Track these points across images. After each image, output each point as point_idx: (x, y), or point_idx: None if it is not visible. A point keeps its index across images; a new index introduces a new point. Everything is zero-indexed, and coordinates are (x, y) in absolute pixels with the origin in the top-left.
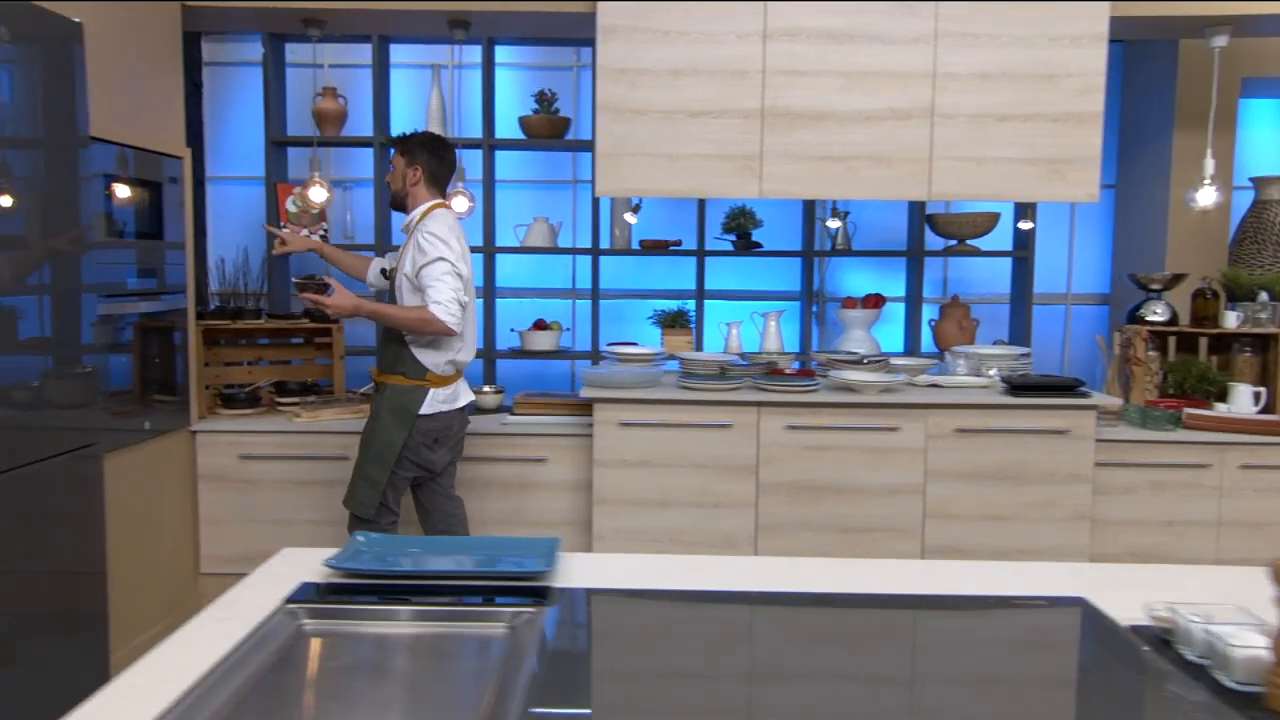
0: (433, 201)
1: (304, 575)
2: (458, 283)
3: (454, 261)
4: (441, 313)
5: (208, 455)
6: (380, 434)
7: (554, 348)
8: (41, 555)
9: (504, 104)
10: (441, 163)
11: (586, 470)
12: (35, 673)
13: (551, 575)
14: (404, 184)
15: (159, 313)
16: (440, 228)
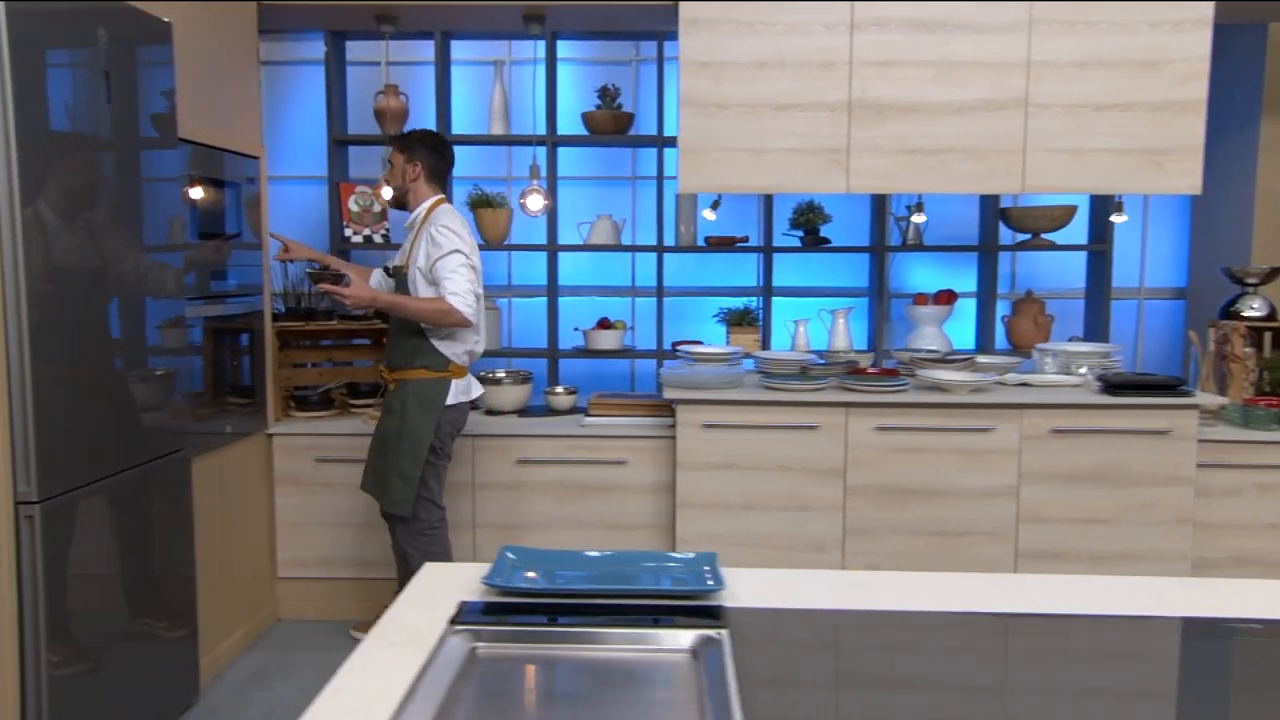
0: (436, 197)
1: (456, 593)
2: (472, 274)
3: (468, 254)
4: (459, 304)
5: (284, 458)
6: (409, 429)
7: (618, 347)
8: (135, 561)
9: (562, 100)
10: (441, 158)
11: (667, 472)
12: (128, 680)
13: (721, 594)
14: (404, 180)
15: (237, 315)
16: (453, 221)
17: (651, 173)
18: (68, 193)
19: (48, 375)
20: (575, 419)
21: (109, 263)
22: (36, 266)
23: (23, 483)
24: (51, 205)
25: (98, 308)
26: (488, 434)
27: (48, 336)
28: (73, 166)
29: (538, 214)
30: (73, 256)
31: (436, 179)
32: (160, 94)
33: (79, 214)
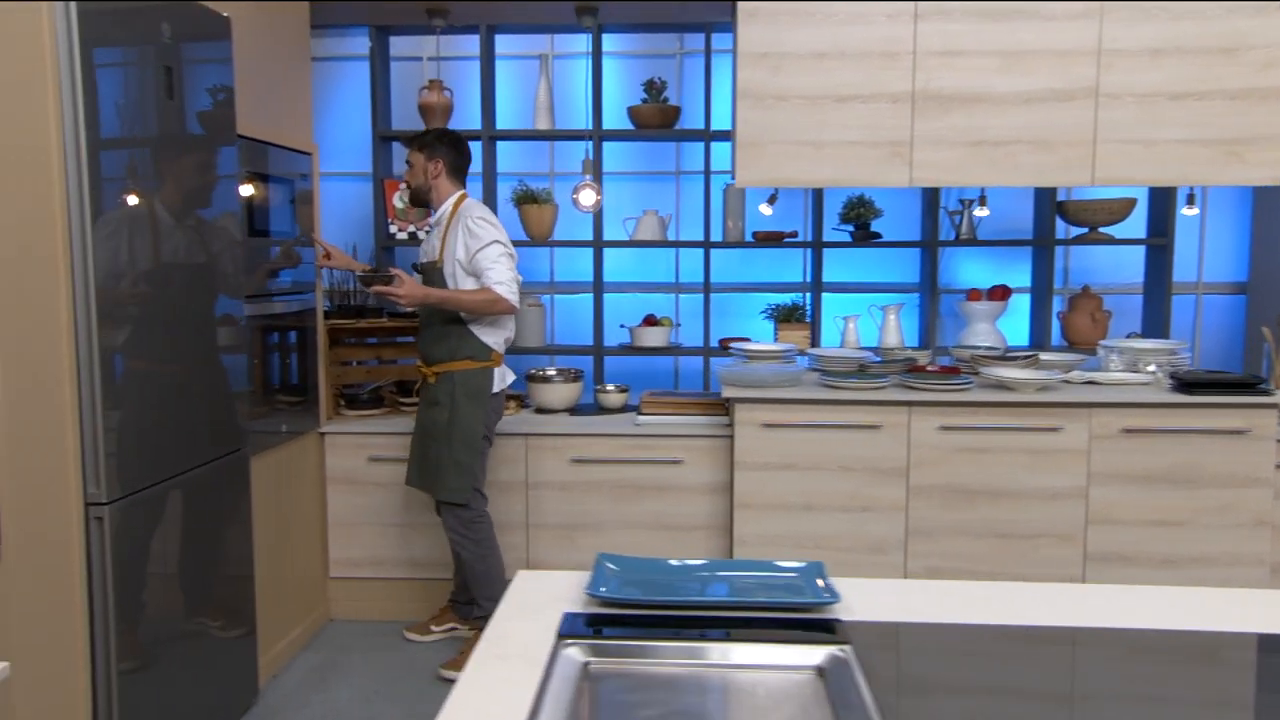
0: (459, 192)
1: (557, 603)
2: (511, 263)
3: (505, 244)
4: (505, 291)
5: (336, 457)
6: (461, 419)
7: (665, 344)
8: (197, 560)
9: (606, 94)
10: (460, 154)
11: (724, 472)
12: (191, 680)
13: (835, 607)
14: (426, 179)
15: (292, 313)
16: (486, 213)
17: (696, 167)
18: (136, 191)
19: (116, 375)
20: (628, 418)
21: (174, 261)
22: (104, 265)
23: (92, 484)
24: (119, 203)
25: (164, 306)
26: (541, 432)
27: (116, 336)
28: (140, 164)
29: (590, 209)
30: (139, 255)
31: (457, 175)
32: (220, 90)
33: (145, 212)
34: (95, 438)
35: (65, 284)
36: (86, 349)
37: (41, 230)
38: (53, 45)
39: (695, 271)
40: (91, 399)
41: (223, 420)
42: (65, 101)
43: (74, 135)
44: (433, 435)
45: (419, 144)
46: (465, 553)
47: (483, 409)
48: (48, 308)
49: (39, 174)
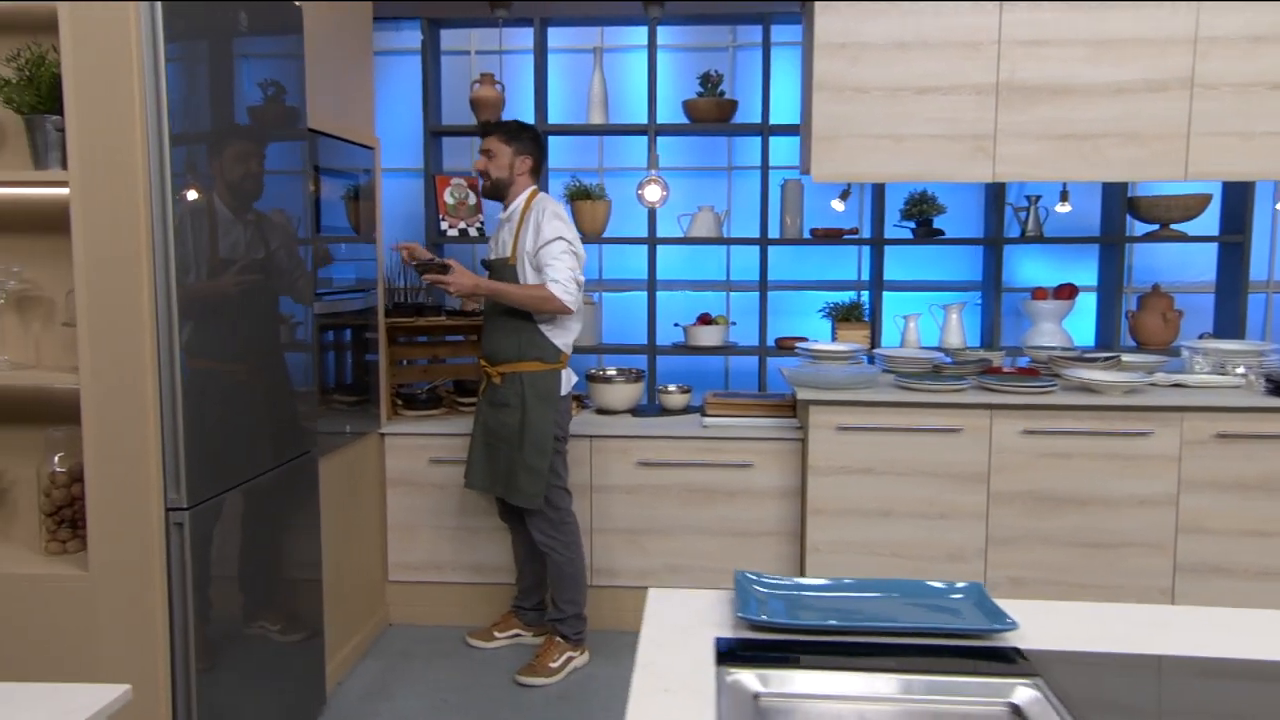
0: (534, 188)
1: (704, 627)
2: (575, 262)
3: (572, 241)
4: (560, 291)
5: (396, 458)
6: (532, 422)
7: (720, 343)
8: (270, 564)
9: (658, 88)
10: (542, 152)
11: (794, 476)
12: (264, 685)
13: (1012, 634)
14: (510, 173)
15: (354, 311)
16: (560, 210)
17: (750, 162)
18: (216, 187)
19: (197, 378)
20: (692, 420)
21: (244, 257)
22: (186, 264)
23: (172, 489)
24: (195, 198)
25: (242, 306)
26: (606, 434)
27: (197, 338)
28: (220, 159)
29: (656, 205)
30: (213, 251)
31: (536, 172)
32: (291, 82)
33: (224, 209)
34: (176, 441)
35: (148, 281)
36: (167, 349)
37: (126, 227)
38: (138, 39)
39: (746, 269)
40: (172, 400)
41: (292, 422)
42: (149, 96)
43: (156, 130)
44: (502, 438)
45: (506, 134)
46: (556, 555)
47: (553, 411)
48: (131, 307)
49: (124, 171)
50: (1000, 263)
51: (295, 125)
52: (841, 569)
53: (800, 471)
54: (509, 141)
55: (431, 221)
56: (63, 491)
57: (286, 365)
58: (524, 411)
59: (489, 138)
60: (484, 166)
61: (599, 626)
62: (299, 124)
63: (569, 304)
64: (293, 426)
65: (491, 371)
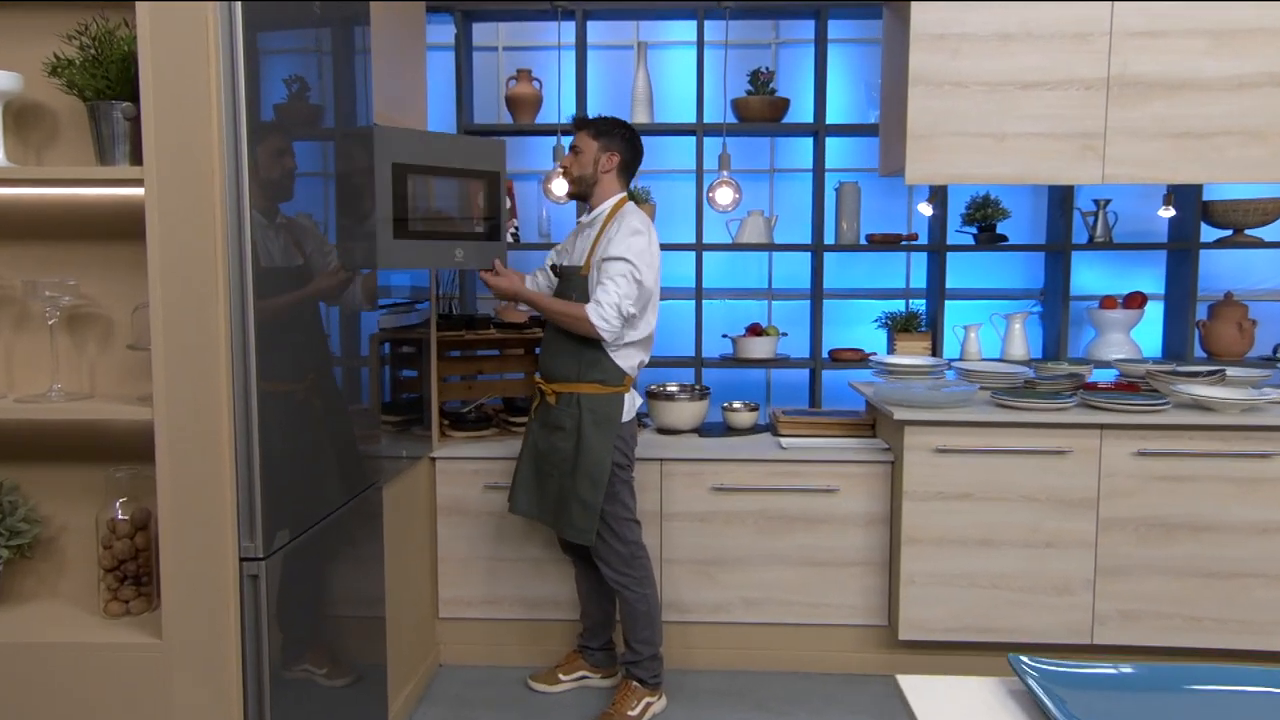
0: (622, 194)
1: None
2: (631, 288)
3: (636, 264)
4: (595, 315)
5: (448, 484)
6: (588, 450)
7: (771, 355)
8: (339, 606)
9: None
10: (635, 154)
11: (882, 502)
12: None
13: None
14: (595, 171)
15: (408, 324)
16: (644, 226)
17: (796, 164)
18: (293, 190)
19: (271, 407)
20: (763, 440)
21: (323, 266)
22: (262, 276)
23: (246, 536)
24: (277, 206)
25: (311, 321)
26: (676, 457)
27: (269, 360)
28: (292, 158)
29: (728, 209)
30: (293, 260)
31: (626, 175)
32: (360, 77)
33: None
34: (251, 481)
35: (224, 297)
36: (241, 374)
37: (203, 234)
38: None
39: (789, 276)
40: (247, 434)
41: (358, 451)
42: (224, 86)
43: (231, 124)
44: (553, 463)
45: (596, 129)
46: (628, 593)
47: (611, 438)
48: (207, 327)
49: (202, 169)
50: (1068, 270)
51: (364, 121)
52: (939, 602)
53: (890, 497)
54: (596, 136)
55: None
56: (125, 543)
57: (351, 386)
58: (579, 437)
59: (578, 133)
60: (568, 163)
61: (669, 665)
62: (366, 120)
63: (601, 331)
64: (359, 456)
65: (547, 390)
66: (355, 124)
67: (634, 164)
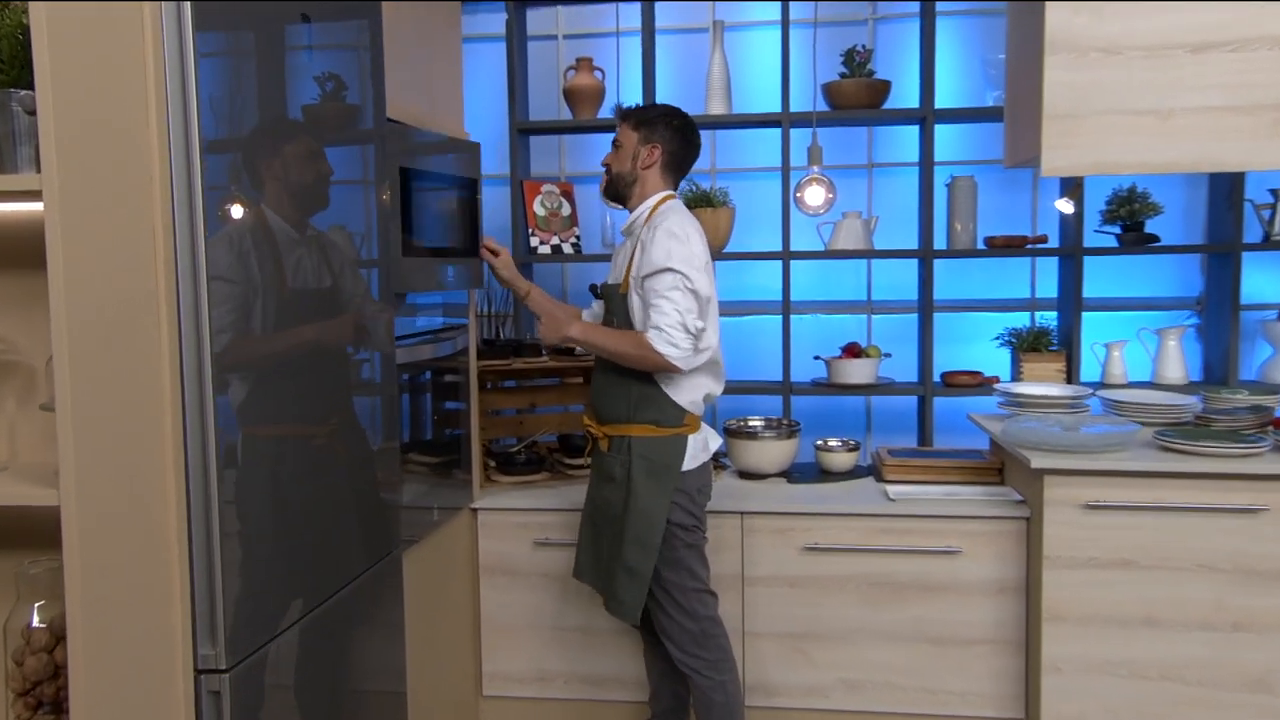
0: (665, 192)
1: None
2: (690, 301)
3: (685, 272)
4: (661, 342)
5: (492, 539)
6: (638, 507)
7: (872, 380)
8: (343, 699)
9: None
10: (687, 145)
11: (1015, 567)
12: None
13: None
14: (634, 167)
15: (442, 354)
16: (685, 223)
17: (894, 157)
18: (270, 201)
19: (242, 478)
20: (863, 486)
21: (304, 287)
22: (226, 315)
23: (206, 643)
24: (246, 222)
25: (304, 363)
26: (760, 510)
27: (244, 415)
28: (259, 166)
29: (820, 210)
30: (319, 284)
31: (673, 170)
32: (368, 68)
33: (262, 224)
34: (210, 575)
35: (169, 341)
36: (198, 441)
37: (136, 259)
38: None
39: (889, 287)
40: (205, 517)
41: (371, 515)
42: (171, 82)
43: (181, 130)
44: (606, 520)
45: (636, 119)
46: (701, 679)
47: (668, 493)
48: (145, 381)
49: (131, 176)
50: (1238, 274)
51: (374, 123)
52: (1090, 695)
53: (1026, 561)
54: (636, 127)
55: (520, 236)
56: (41, 659)
57: (363, 438)
58: (629, 490)
59: (619, 124)
60: (609, 160)
61: None
62: (378, 121)
63: (673, 359)
64: (371, 521)
65: (598, 432)
66: (359, 125)
67: (684, 158)
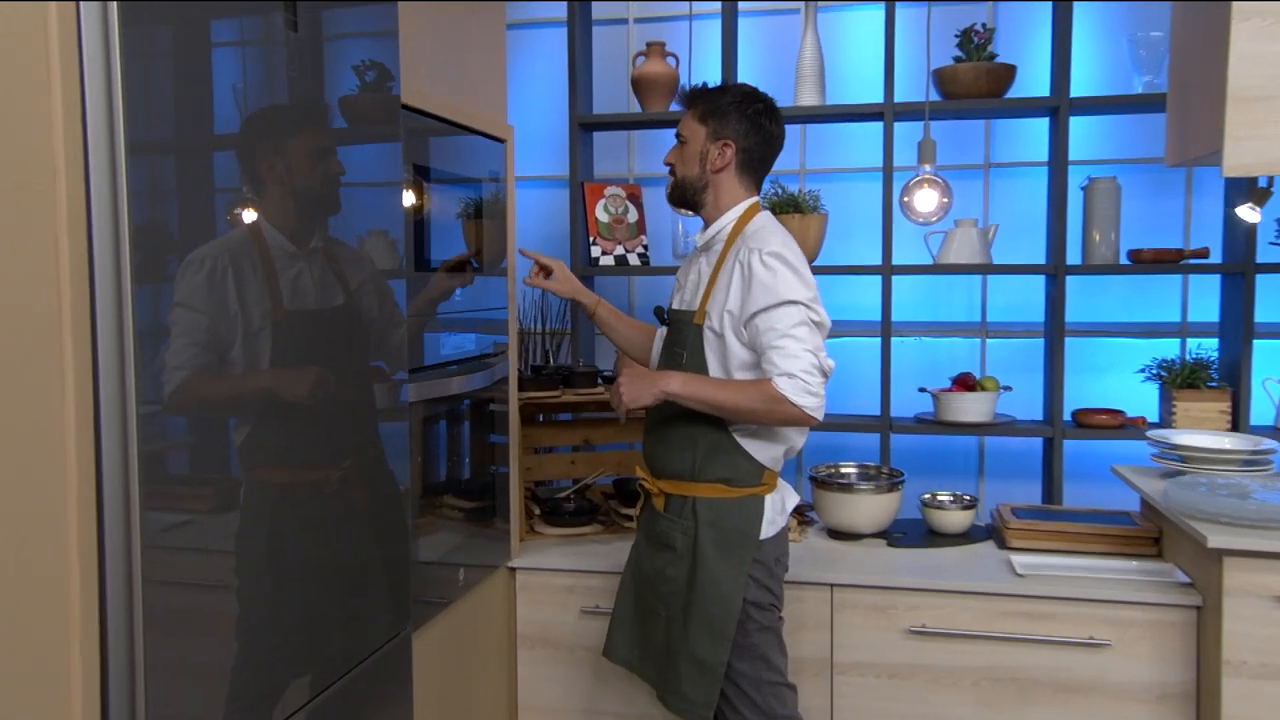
0: (750, 200)
1: None
2: (818, 338)
3: (806, 302)
4: (797, 391)
5: (533, 605)
6: (709, 586)
7: (988, 418)
8: None
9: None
10: (768, 141)
11: (1180, 668)
12: None
13: None
14: (702, 169)
15: (474, 388)
16: (789, 245)
17: (1023, 155)
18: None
19: (177, 565)
20: (982, 552)
21: (299, 309)
22: (184, 348)
23: None
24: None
25: (283, 414)
26: (853, 583)
27: (165, 488)
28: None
29: (930, 218)
30: (326, 304)
31: (753, 170)
32: (378, 53)
33: (250, 240)
34: (130, 696)
35: (73, 395)
36: (121, 519)
37: (27, 298)
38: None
39: (1015, 307)
40: (128, 622)
41: (377, 593)
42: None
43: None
44: (661, 599)
45: (704, 107)
46: None
47: (744, 568)
48: (36, 444)
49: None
50: None
51: (385, 117)
52: None
53: (1198, 662)
54: (704, 118)
55: (579, 245)
56: None
57: (370, 507)
58: (694, 564)
59: (685, 114)
60: (672, 158)
61: None
62: (389, 115)
63: (809, 410)
64: (375, 600)
65: (651, 486)
66: (367, 125)
67: (764, 155)
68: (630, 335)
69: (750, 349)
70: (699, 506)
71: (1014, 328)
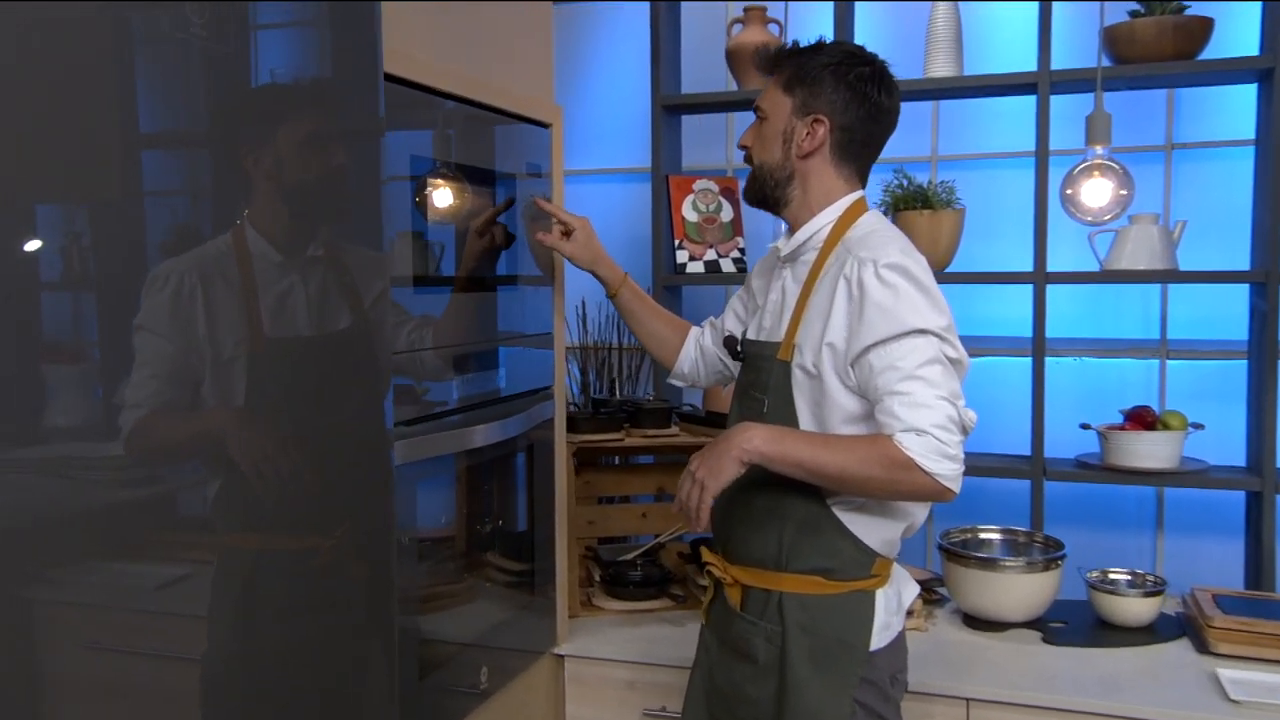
0: (854, 195)
1: None
2: (954, 380)
3: (942, 334)
4: (925, 451)
5: (584, 702)
6: (800, 711)
7: (1173, 465)
8: None
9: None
10: (876, 116)
11: None
12: None
13: None
14: (787, 154)
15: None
16: (909, 252)
17: (1220, 133)
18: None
19: None
20: (1173, 655)
21: (323, 348)
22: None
23: None
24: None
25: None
26: (997, 699)
27: None
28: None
29: (1101, 215)
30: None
31: (854, 158)
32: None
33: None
34: None
35: None
36: None
37: None
38: None
39: (1205, 323)
40: None
41: (377, 691)
42: None
43: None
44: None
45: (792, 69)
46: None
47: (849, 687)
48: None
49: None
50: None
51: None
52: None
53: None
54: (790, 86)
55: (662, 250)
56: None
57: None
58: (783, 684)
59: (766, 82)
60: (748, 140)
61: None
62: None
63: (947, 482)
64: (369, 707)
65: (723, 574)
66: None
67: (870, 134)
68: (655, 329)
69: (860, 395)
70: (787, 605)
71: (1203, 346)
